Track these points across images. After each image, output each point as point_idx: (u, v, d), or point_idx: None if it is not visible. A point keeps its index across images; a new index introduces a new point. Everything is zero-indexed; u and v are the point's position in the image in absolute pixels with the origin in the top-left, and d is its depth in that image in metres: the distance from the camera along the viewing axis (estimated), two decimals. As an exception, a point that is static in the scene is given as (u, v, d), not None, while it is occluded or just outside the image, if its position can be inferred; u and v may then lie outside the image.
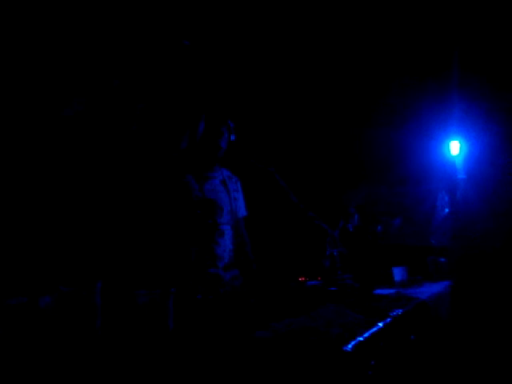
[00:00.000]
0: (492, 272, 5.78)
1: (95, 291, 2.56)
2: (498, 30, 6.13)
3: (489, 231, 6.09)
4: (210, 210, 3.92)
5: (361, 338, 2.41)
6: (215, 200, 4.00)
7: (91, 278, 2.70)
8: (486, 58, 6.29)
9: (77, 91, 3.76)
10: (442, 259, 6.02)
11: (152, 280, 3.15)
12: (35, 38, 3.63)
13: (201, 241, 3.91)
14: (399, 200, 7.12)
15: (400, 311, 3.24)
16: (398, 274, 5.58)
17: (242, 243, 4.39)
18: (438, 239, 6.93)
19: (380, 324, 2.78)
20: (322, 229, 5.42)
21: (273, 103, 5.99)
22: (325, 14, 5.94)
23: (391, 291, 4.59)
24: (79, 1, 3.81)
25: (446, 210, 7.09)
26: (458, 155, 6.86)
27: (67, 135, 3.59)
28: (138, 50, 4.12)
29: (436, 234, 7.00)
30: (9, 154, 3.37)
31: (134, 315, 2.50)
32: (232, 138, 4.22)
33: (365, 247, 5.92)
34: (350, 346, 2.30)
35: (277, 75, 6.06)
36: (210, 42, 4.94)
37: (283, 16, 5.74)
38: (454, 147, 6.86)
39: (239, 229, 4.37)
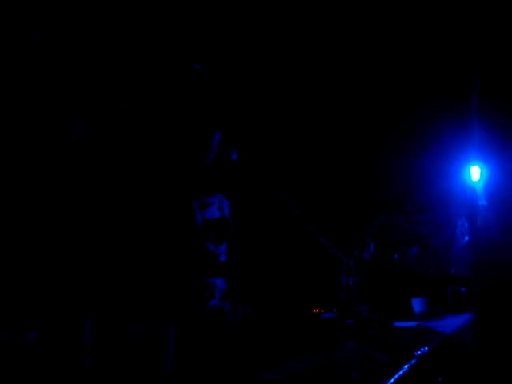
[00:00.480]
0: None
1: (85, 327, 2.38)
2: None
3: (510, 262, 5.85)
4: (210, 238, 3.79)
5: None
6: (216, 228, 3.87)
7: (81, 312, 2.52)
8: (506, 81, 6.13)
9: (82, 114, 3.66)
10: (463, 289, 5.82)
11: (148, 314, 2.96)
12: (42, 63, 3.54)
13: (200, 271, 3.72)
14: (417, 228, 6.93)
15: (426, 349, 3.02)
16: (417, 305, 5.41)
17: None
18: (457, 268, 6.73)
19: (405, 366, 2.54)
20: (338, 258, 5.25)
21: (290, 129, 5.84)
22: (345, 40, 5.83)
23: (412, 324, 4.45)
24: (90, 26, 3.73)
25: (466, 238, 6.86)
26: (478, 181, 6.64)
27: (71, 159, 3.47)
28: (148, 72, 4.06)
29: (456, 263, 6.79)
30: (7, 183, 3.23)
31: (129, 354, 2.29)
32: (234, 157, 4.07)
33: (381, 276, 5.73)
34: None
35: (295, 99, 5.92)
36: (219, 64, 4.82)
37: (298, 38, 5.61)
38: (475, 173, 6.64)
39: None
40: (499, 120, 6.22)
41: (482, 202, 6.60)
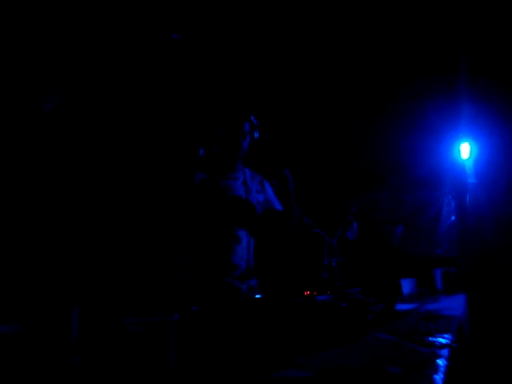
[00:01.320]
0: (507, 282, 5.40)
1: (71, 319, 2.12)
2: (507, 27, 5.81)
3: (502, 240, 5.70)
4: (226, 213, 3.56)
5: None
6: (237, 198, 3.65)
7: (66, 301, 2.26)
8: (495, 56, 5.96)
9: (54, 85, 3.46)
10: (453, 270, 5.72)
11: (146, 301, 2.69)
12: (11, 32, 3.34)
13: (213, 248, 3.46)
14: (401, 206, 6.77)
15: (450, 336, 2.79)
16: (406, 286, 5.35)
17: None
18: (443, 248, 6.63)
19: (448, 358, 2.29)
20: (320, 237, 5.12)
21: (272, 104, 5.71)
22: (330, 18, 5.70)
23: (408, 306, 4.34)
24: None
25: (453, 218, 6.72)
26: (468, 158, 6.45)
27: (46, 132, 3.26)
28: (124, 42, 3.89)
29: (442, 243, 6.68)
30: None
31: (123, 350, 2.02)
32: (256, 135, 3.85)
33: (367, 257, 5.59)
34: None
35: (278, 77, 5.85)
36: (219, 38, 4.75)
37: (285, 19, 5.47)
38: (464, 150, 6.44)
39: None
40: (489, 96, 6.05)
41: (472, 179, 6.43)
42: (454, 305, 4.37)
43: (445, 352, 2.40)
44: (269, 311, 3.37)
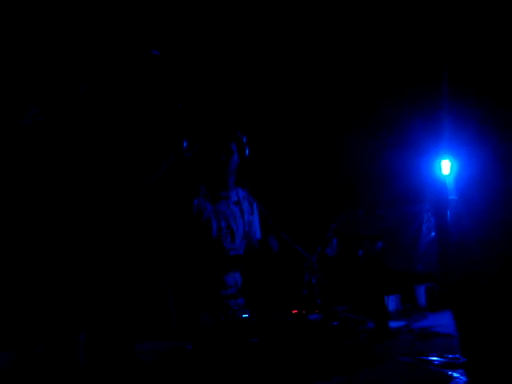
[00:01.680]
0: (493, 299, 5.37)
1: (76, 346, 1.93)
2: (490, 41, 5.81)
3: (484, 256, 5.67)
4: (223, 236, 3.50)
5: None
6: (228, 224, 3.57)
7: (71, 326, 2.07)
8: (477, 72, 5.95)
9: (35, 98, 3.34)
10: (437, 287, 5.67)
11: (154, 327, 2.55)
12: None
13: (211, 270, 3.39)
14: (381, 223, 6.74)
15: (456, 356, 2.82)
16: (392, 303, 5.29)
17: None
18: (424, 264, 6.59)
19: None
20: (300, 254, 5.05)
21: (251, 120, 5.70)
22: (312, 31, 5.71)
23: (398, 324, 4.32)
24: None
25: (432, 234, 6.69)
26: (449, 174, 6.43)
27: (26, 146, 3.13)
28: (108, 55, 3.82)
29: (422, 259, 6.65)
30: None
31: (135, 379, 1.85)
32: (246, 153, 3.81)
33: (349, 274, 5.53)
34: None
35: (260, 90, 5.90)
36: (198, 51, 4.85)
37: (274, 24, 5.47)
38: (445, 166, 6.42)
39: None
40: (471, 112, 6.03)
41: (453, 196, 6.40)
42: (444, 322, 4.32)
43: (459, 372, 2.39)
44: (263, 331, 3.27)
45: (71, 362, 1.95)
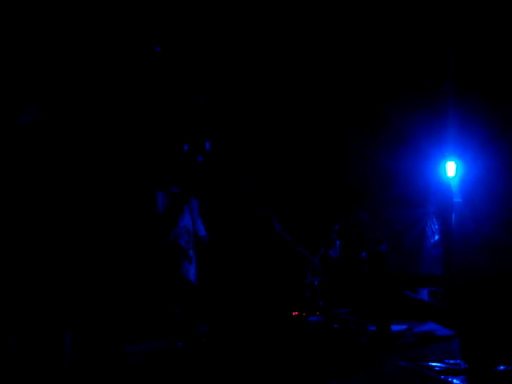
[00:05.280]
0: (496, 303, 5.33)
1: (63, 344, 1.89)
2: (495, 44, 5.80)
3: (488, 259, 5.64)
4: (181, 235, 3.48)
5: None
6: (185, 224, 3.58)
7: (57, 323, 2.03)
8: (482, 72, 5.93)
9: (35, 97, 3.31)
10: (440, 290, 5.65)
11: (146, 325, 2.52)
12: None
13: (172, 269, 3.37)
14: (385, 225, 6.71)
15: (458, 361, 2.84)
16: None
17: None
18: (427, 267, 6.55)
19: None
20: (303, 255, 5.03)
21: (258, 122, 5.70)
22: (318, 31, 5.72)
23: (399, 327, 4.28)
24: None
25: (437, 237, 6.65)
26: (453, 177, 6.39)
27: (25, 144, 3.10)
28: (109, 55, 3.85)
29: (425, 262, 6.61)
30: None
31: (123, 381, 1.82)
32: (207, 147, 3.79)
33: (352, 277, 5.50)
34: None
35: (265, 89, 5.85)
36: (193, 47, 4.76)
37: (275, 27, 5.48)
38: (450, 168, 6.38)
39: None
40: (476, 114, 6.01)
41: (457, 198, 6.37)
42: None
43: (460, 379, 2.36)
44: (265, 332, 3.26)
45: (56, 360, 1.92)
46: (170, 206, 3.52)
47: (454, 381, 2.45)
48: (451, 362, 2.83)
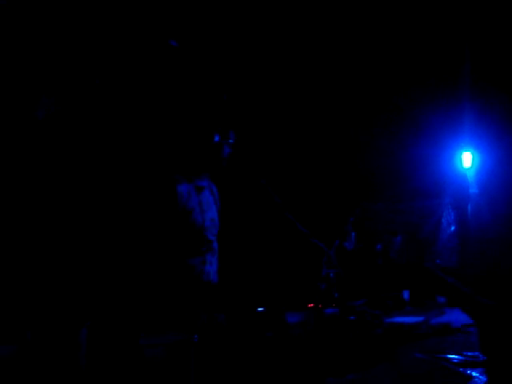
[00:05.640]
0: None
1: (79, 339, 1.92)
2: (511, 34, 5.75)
3: (504, 250, 5.62)
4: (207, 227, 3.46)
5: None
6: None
7: (75, 318, 2.06)
8: (499, 63, 5.89)
9: (47, 89, 3.34)
10: (457, 281, 5.62)
11: (163, 321, 2.54)
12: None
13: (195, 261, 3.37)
14: (400, 217, 6.69)
15: (476, 353, 2.78)
16: (408, 297, 5.22)
17: None
18: (443, 259, 6.52)
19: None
20: (318, 247, 5.03)
21: (270, 115, 5.70)
22: (332, 20, 5.69)
23: (416, 319, 4.10)
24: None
25: (452, 228, 6.62)
26: (469, 168, 6.35)
27: (39, 138, 3.13)
28: (123, 48, 3.87)
29: (441, 254, 6.58)
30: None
31: (140, 375, 1.84)
32: (231, 141, 3.77)
33: (368, 268, 5.50)
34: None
35: (275, 83, 5.84)
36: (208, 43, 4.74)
37: (283, 21, 5.45)
38: (466, 159, 6.35)
39: None
40: (493, 105, 5.97)
41: (473, 189, 6.34)
42: (463, 318, 4.25)
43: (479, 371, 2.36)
44: (278, 325, 3.25)
45: (73, 356, 1.93)
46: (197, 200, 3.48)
47: (473, 373, 2.45)
48: (469, 354, 2.82)
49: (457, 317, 4.36)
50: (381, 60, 6.05)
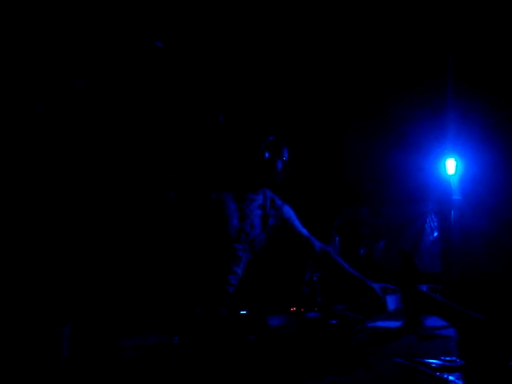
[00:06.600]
0: (495, 299, 5.37)
1: (60, 339, 1.91)
2: (493, 40, 5.81)
3: (487, 256, 5.66)
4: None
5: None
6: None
7: (57, 317, 2.05)
8: (482, 69, 5.95)
9: (36, 90, 3.34)
10: (439, 287, 5.66)
11: (144, 322, 2.53)
12: None
13: (215, 267, 3.34)
14: (384, 222, 6.71)
15: (453, 358, 2.83)
16: (391, 302, 5.23)
17: None
18: (425, 265, 6.56)
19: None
20: (302, 251, 5.05)
21: (254, 119, 5.70)
22: (315, 29, 5.71)
23: (396, 324, 4.12)
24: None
25: (435, 234, 6.66)
26: (453, 174, 6.40)
27: (40, 132, 3.13)
28: (107, 49, 3.80)
29: (424, 259, 6.62)
30: None
31: (119, 376, 1.84)
32: (285, 157, 3.78)
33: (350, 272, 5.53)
34: None
35: (261, 88, 5.87)
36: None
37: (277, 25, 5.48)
38: (450, 165, 6.39)
39: None
40: (476, 111, 6.03)
41: (457, 196, 6.39)
42: (443, 322, 4.29)
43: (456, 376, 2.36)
44: (260, 328, 3.25)
45: (53, 355, 1.93)
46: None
47: (450, 377, 2.48)
48: (447, 358, 2.85)
49: (439, 322, 4.40)
50: (365, 67, 6.09)
